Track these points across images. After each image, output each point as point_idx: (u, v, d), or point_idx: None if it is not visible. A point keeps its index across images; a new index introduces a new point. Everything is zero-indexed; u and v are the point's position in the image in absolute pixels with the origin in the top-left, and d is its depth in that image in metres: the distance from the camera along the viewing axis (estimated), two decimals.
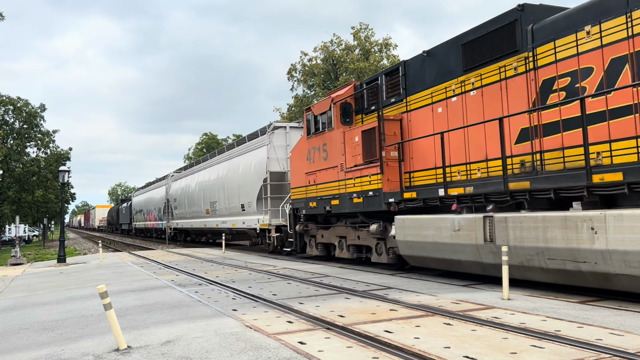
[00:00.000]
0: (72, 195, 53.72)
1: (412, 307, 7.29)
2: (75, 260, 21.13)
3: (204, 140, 70.33)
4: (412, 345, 5.21)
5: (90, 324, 7.19)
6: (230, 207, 22.73)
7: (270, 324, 6.51)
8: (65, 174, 20.67)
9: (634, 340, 5.17)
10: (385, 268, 12.47)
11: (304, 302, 7.93)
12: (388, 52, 38.75)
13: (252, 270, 13.28)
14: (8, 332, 7.02)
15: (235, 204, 21.91)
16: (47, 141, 44.19)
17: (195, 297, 8.94)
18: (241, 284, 10.50)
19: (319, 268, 13.17)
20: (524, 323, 6.05)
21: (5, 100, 41.97)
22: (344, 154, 13.01)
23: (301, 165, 15.41)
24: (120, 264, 17.53)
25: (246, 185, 20.72)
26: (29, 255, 30.50)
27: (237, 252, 21.20)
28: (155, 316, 7.43)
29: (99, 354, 5.48)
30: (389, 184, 11.43)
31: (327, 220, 14.92)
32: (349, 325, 6.22)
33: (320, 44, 41.37)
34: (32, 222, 60.30)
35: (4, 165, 38.03)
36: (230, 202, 22.59)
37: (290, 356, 5.03)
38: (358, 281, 10.30)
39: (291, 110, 40.34)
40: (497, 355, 4.82)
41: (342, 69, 38.38)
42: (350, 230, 13.51)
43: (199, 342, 5.72)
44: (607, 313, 6.56)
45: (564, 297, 7.76)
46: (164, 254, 21.92)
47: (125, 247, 35.72)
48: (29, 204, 42.67)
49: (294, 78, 41.16)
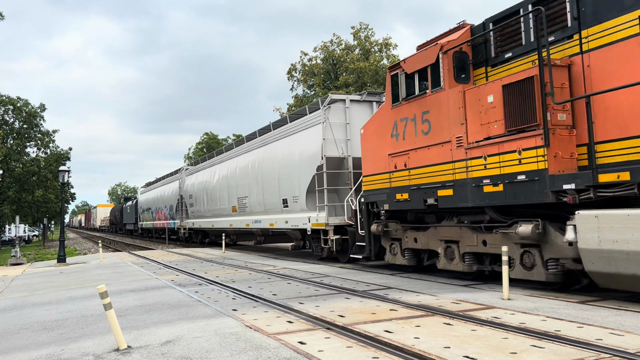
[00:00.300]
0: (72, 195, 53.70)
1: (412, 307, 7.29)
2: (75, 260, 21.13)
3: (204, 140, 70.29)
4: (412, 345, 5.21)
5: (90, 324, 7.19)
6: (266, 204, 18.49)
7: (270, 323, 6.51)
8: (65, 174, 20.67)
9: (634, 340, 5.17)
10: (386, 268, 12.46)
11: (304, 302, 7.93)
12: (388, 52, 38.74)
13: (252, 270, 13.28)
14: (8, 332, 7.02)
15: (274, 200, 17.69)
16: (47, 141, 44.19)
17: (195, 297, 8.94)
18: (241, 283, 10.50)
19: (319, 268, 13.18)
20: (524, 323, 6.05)
21: (5, 100, 41.97)
22: (464, 123, 9.27)
23: (380, 145, 11.64)
24: (120, 264, 17.53)
25: (290, 175, 16.62)
26: (29, 255, 30.50)
27: (237, 252, 21.19)
28: (155, 316, 7.43)
29: (99, 354, 5.48)
30: (557, 163, 7.77)
31: (419, 219, 11.37)
32: (349, 325, 6.22)
33: (320, 44, 41.36)
34: (32, 222, 60.25)
35: (4, 165, 38.03)
36: (267, 198, 18.37)
37: (290, 356, 5.03)
38: (358, 281, 10.30)
39: (291, 110, 40.34)
40: (497, 355, 4.82)
41: (342, 69, 38.38)
42: (468, 233, 9.70)
43: (199, 342, 5.72)
44: (607, 313, 6.57)
45: (564, 297, 7.76)
46: (164, 254, 21.92)
47: (125, 247, 35.73)
48: (29, 204, 42.66)
49: (294, 78, 41.17)
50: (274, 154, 18.06)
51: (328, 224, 14.32)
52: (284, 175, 17.02)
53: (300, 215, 15.89)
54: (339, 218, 14.34)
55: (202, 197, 26.25)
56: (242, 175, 20.87)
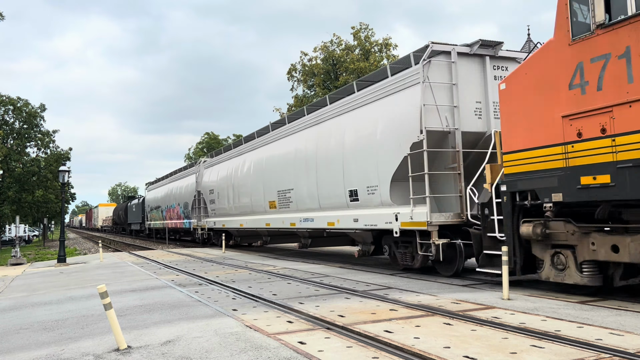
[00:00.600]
0: (72, 195, 53.81)
1: (412, 307, 7.30)
2: (76, 260, 21.14)
3: (204, 139, 70.41)
4: (412, 345, 5.21)
5: (90, 323, 7.19)
6: (323, 197, 14.46)
7: (270, 323, 6.52)
8: (65, 174, 20.68)
9: (634, 340, 5.17)
10: (386, 268, 12.45)
11: (304, 302, 7.94)
12: (388, 52, 38.76)
13: (252, 270, 13.28)
14: (8, 332, 7.02)
15: (336, 192, 13.67)
16: (47, 141, 44.26)
17: (195, 297, 8.94)
18: (241, 283, 10.50)
19: (319, 268, 13.18)
20: (524, 323, 6.06)
21: (5, 100, 42.02)
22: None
23: (544, 104, 7.97)
24: (120, 263, 17.53)
25: (363, 159, 12.46)
26: (29, 255, 30.50)
27: (237, 252, 21.19)
28: (155, 316, 7.44)
29: (99, 354, 5.48)
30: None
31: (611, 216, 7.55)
32: (349, 325, 6.22)
33: (320, 44, 41.41)
34: (32, 222, 60.31)
35: (4, 165, 38.06)
36: (324, 190, 14.32)
37: (290, 356, 5.03)
38: (358, 281, 10.30)
39: (291, 110, 40.37)
40: (497, 355, 4.83)
41: (342, 69, 38.40)
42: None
43: (199, 342, 5.72)
44: (607, 313, 6.57)
45: (564, 297, 7.76)
46: (164, 254, 21.92)
47: (125, 247, 35.74)
48: (29, 204, 42.71)
49: (294, 78, 41.21)
50: (334, 132, 14.02)
51: (431, 222, 10.23)
52: (353, 159, 12.91)
53: (381, 211, 11.85)
54: (444, 215, 10.40)
55: (226, 192, 22.46)
56: (285, 163, 16.77)
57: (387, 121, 11.75)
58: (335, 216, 13.84)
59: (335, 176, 13.72)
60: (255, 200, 19.21)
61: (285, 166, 16.73)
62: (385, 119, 11.81)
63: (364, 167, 12.43)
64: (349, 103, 13.68)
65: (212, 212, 24.56)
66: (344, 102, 13.97)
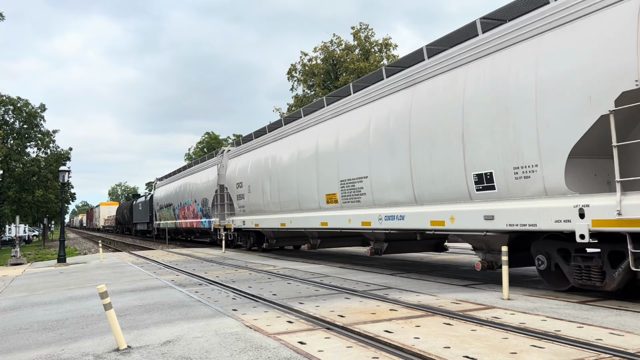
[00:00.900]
0: (72, 195, 53.87)
1: (412, 307, 7.29)
2: (75, 260, 21.14)
3: (205, 139, 70.48)
4: (412, 345, 5.21)
5: (90, 324, 7.19)
6: (421, 187, 10.38)
7: (270, 324, 6.52)
8: (66, 174, 20.70)
9: (634, 340, 5.17)
10: (386, 268, 12.46)
11: (304, 302, 7.93)
12: (388, 52, 38.76)
13: (252, 270, 13.28)
14: (8, 332, 7.02)
15: (447, 178, 9.61)
16: (47, 141, 44.33)
17: (195, 297, 8.94)
18: (241, 284, 10.50)
19: (319, 268, 13.18)
20: (524, 323, 6.05)
21: (5, 100, 42.07)
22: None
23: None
24: (120, 264, 17.53)
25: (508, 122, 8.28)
26: (29, 255, 30.51)
27: (237, 252, 21.19)
28: (155, 316, 7.43)
29: (99, 354, 5.48)
30: None
31: None
32: (349, 325, 6.22)
33: (320, 44, 41.43)
34: (32, 222, 60.37)
35: (4, 165, 38.07)
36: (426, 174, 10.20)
37: (290, 356, 5.03)
38: (358, 281, 10.30)
39: (291, 110, 40.37)
40: (497, 355, 4.82)
41: (342, 69, 38.40)
42: None
43: (199, 342, 5.72)
44: (607, 313, 6.57)
45: (564, 297, 7.76)
46: (163, 254, 21.92)
47: (125, 247, 35.74)
48: (29, 204, 42.77)
49: (294, 78, 41.23)
50: (439, 94, 9.86)
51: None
52: (488, 126, 8.71)
53: (544, 203, 7.78)
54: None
55: (260, 186, 18.40)
56: (355, 144, 12.63)
57: (564, 61, 7.45)
58: (446, 212, 9.73)
59: (446, 155, 9.65)
60: (304, 194, 15.30)
61: (354, 148, 12.69)
62: (561, 57, 7.50)
63: (508, 137, 8.33)
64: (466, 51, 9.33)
65: (241, 209, 20.71)
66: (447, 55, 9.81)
